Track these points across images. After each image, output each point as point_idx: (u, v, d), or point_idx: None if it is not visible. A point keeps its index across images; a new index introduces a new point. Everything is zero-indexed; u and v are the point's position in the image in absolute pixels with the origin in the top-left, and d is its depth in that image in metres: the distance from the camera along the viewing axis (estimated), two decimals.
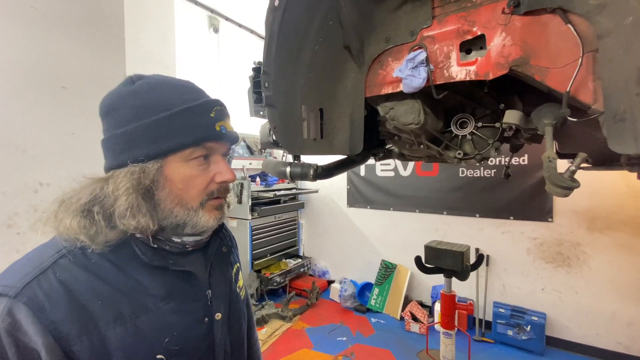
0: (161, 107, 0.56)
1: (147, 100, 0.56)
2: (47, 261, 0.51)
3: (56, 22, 1.44)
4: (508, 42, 0.81)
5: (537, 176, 2.83)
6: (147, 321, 0.55)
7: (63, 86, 1.47)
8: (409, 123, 1.02)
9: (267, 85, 0.89)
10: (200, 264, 0.66)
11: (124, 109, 0.56)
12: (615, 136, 0.70)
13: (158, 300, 0.57)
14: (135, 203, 0.54)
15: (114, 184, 0.54)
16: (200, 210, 0.60)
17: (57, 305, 0.48)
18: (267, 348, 2.76)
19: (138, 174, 0.54)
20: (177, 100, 0.57)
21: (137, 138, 0.55)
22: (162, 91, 0.58)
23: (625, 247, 2.51)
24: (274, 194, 3.70)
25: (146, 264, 0.57)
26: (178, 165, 0.58)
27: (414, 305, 3.19)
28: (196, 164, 0.59)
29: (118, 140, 0.56)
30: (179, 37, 2.93)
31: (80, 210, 0.54)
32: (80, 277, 0.52)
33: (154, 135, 0.55)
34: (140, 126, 0.55)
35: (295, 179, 1.28)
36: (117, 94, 0.58)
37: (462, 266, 1.59)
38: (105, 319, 0.51)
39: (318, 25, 0.94)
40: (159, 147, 0.55)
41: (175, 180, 0.58)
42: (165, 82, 0.60)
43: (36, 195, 1.39)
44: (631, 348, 2.49)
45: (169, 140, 0.55)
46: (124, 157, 0.55)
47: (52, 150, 1.44)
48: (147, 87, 0.57)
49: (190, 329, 0.60)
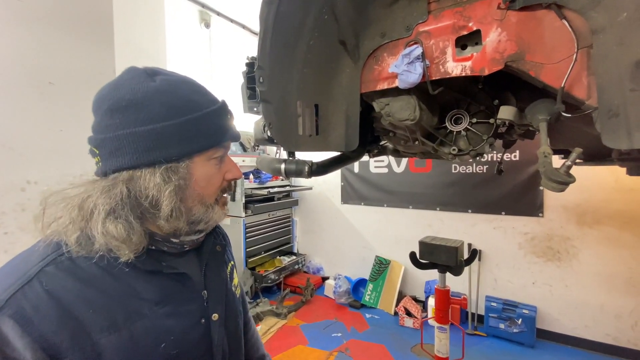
0: (191, 107, 0.56)
1: (177, 100, 0.56)
2: (31, 270, 0.49)
3: (43, 16, 1.40)
4: (503, 38, 0.81)
5: (528, 172, 2.87)
6: (142, 327, 0.53)
7: (50, 82, 1.43)
8: (405, 119, 1.01)
9: (261, 80, 0.88)
10: (194, 264, 0.65)
11: (152, 105, 0.53)
12: (608, 131, 0.70)
13: (152, 305, 0.55)
14: (177, 206, 0.55)
15: (144, 185, 0.53)
16: (215, 206, 0.63)
17: (45, 316, 0.46)
18: None
19: (174, 176, 0.55)
20: (203, 102, 0.59)
21: (169, 137, 0.54)
22: (187, 91, 0.58)
23: (613, 241, 2.57)
24: (268, 191, 3.68)
25: (138, 268, 0.55)
26: (202, 165, 0.59)
27: (407, 301, 3.22)
28: (215, 163, 0.61)
29: (143, 137, 0.53)
30: (170, 33, 2.88)
31: (117, 215, 0.52)
32: (69, 285, 0.49)
33: (185, 135, 0.55)
34: (172, 125, 0.54)
35: (290, 175, 1.27)
36: (140, 88, 0.54)
37: (456, 261, 1.61)
38: (98, 327, 0.49)
39: (313, 20, 0.92)
40: (189, 147, 0.56)
41: (199, 179, 0.59)
42: (184, 81, 0.60)
43: (23, 193, 1.35)
44: (619, 339, 2.56)
45: (198, 141, 0.57)
46: (152, 156, 0.53)
47: (40, 148, 1.40)
48: (173, 86, 0.57)
49: (188, 332, 0.59)
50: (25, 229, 1.36)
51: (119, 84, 0.55)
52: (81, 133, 1.55)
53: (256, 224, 3.65)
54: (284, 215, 4.08)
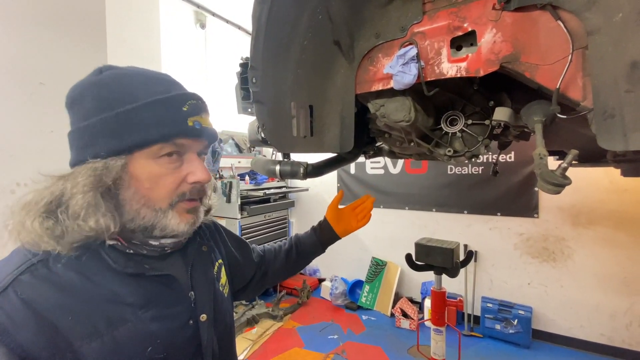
0: (126, 99, 0.52)
1: (111, 92, 0.52)
2: (5, 279, 0.47)
3: (33, 16, 1.38)
4: (499, 39, 0.81)
5: (523, 173, 2.88)
6: (125, 332, 0.52)
7: (41, 82, 1.41)
8: (400, 120, 1.01)
9: (254, 81, 0.87)
10: (179, 265, 0.63)
11: (87, 101, 0.52)
12: (604, 133, 0.70)
13: (137, 309, 0.54)
14: (93, 202, 0.50)
15: (73, 182, 0.51)
16: (169, 211, 0.56)
17: (22, 326, 0.45)
18: (258, 348, 2.74)
19: (100, 170, 0.51)
20: (144, 92, 0.53)
21: (99, 132, 0.51)
22: (130, 82, 0.54)
23: (607, 241, 2.58)
24: (264, 193, 3.66)
25: (119, 272, 0.54)
26: (145, 163, 0.54)
27: (404, 302, 3.21)
28: (166, 161, 0.55)
29: (81, 134, 0.53)
30: (164, 33, 2.85)
31: (42, 211, 0.50)
32: (46, 293, 0.48)
33: (117, 129, 0.51)
34: (102, 119, 0.51)
35: (285, 177, 1.25)
36: (82, 84, 0.54)
37: (452, 263, 1.60)
38: (79, 335, 0.48)
39: (307, 20, 0.91)
40: (122, 142, 0.52)
41: (141, 178, 0.54)
42: (136, 73, 0.56)
43: (13, 196, 1.32)
44: (614, 339, 2.57)
45: (133, 135, 0.51)
46: (84, 153, 0.52)
47: (30, 149, 1.37)
48: (114, 78, 0.54)
49: (175, 335, 0.58)
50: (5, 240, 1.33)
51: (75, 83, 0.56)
52: None
53: (252, 225, 3.62)
54: (280, 217, 4.06)
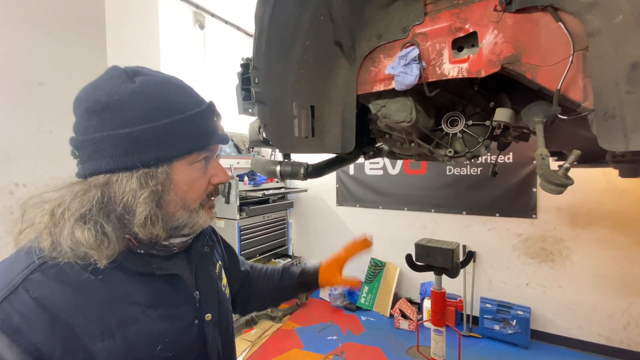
0: (172, 110, 0.54)
1: (157, 101, 0.53)
2: (16, 278, 0.47)
3: (33, 16, 1.37)
4: (500, 40, 0.81)
5: (521, 174, 2.89)
6: (136, 331, 0.52)
7: (40, 82, 1.40)
8: (401, 121, 1.01)
9: (257, 81, 0.87)
10: (185, 266, 0.65)
11: (130, 108, 0.52)
12: (604, 133, 0.70)
13: (145, 308, 0.54)
14: (153, 212, 0.53)
15: (120, 189, 0.51)
16: (200, 210, 0.61)
17: (35, 325, 0.45)
18: (257, 349, 2.73)
19: (152, 180, 0.52)
20: (187, 104, 0.56)
21: (147, 140, 0.52)
22: (169, 92, 0.56)
23: (605, 242, 2.59)
24: (263, 194, 3.65)
25: (130, 271, 0.54)
26: (184, 169, 0.57)
27: (403, 303, 3.21)
28: (199, 166, 0.60)
29: (121, 140, 0.51)
30: (163, 34, 2.85)
31: (89, 220, 0.50)
32: (57, 292, 0.48)
33: (166, 138, 0.53)
34: (150, 128, 0.52)
35: (286, 178, 1.25)
36: (117, 89, 0.52)
37: (452, 263, 1.60)
38: (91, 334, 0.48)
39: (309, 20, 0.92)
40: (169, 151, 0.54)
41: (180, 183, 0.57)
42: (167, 81, 0.58)
43: (12, 196, 1.32)
44: (612, 339, 2.58)
45: (180, 145, 0.55)
46: (130, 160, 0.51)
47: (29, 150, 1.37)
48: (153, 87, 0.54)
49: (182, 334, 0.59)
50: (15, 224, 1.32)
51: (97, 85, 0.54)
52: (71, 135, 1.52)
53: (251, 226, 3.62)
54: (279, 218, 4.06)
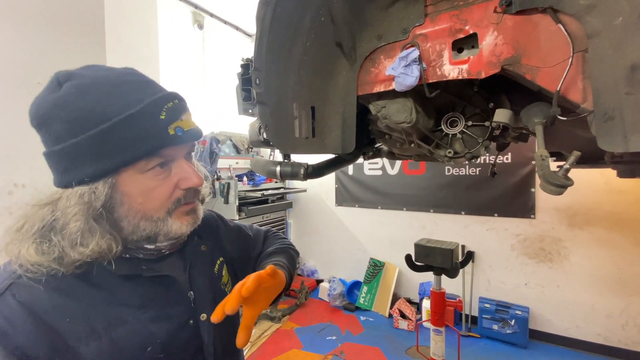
0: (98, 117, 0.47)
1: (80, 111, 0.47)
2: (3, 283, 0.48)
3: (32, 16, 1.37)
4: (500, 41, 0.82)
5: (520, 174, 2.90)
6: (124, 333, 0.52)
7: (39, 82, 1.39)
8: (401, 122, 1.01)
9: (257, 82, 0.87)
10: (178, 266, 0.64)
11: (55, 123, 0.48)
12: (604, 135, 0.71)
13: (135, 310, 0.54)
14: (86, 228, 0.49)
15: (62, 208, 0.50)
16: (169, 219, 0.56)
17: (20, 329, 0.45)
18: (256, 349, 2.73)
19: (88, 196, 0.49)
20: (116, 106, 0.49)
21: (77, 156, 0.48)
22: (96, 95, 0.49)
23: (603, 242, 2.61)
24: (262, 194, 3.65)
25: (114, 274, 0.54)
26: (133, 179, 0.52)
27: (402, 303, 3.22)
28: (154, 174, 0.53)
29: (58, 158, 0.49)
30: (162, 33, 2.84)
31: (36, 237, 0.49)
32: (43, 296, 0.48)
33: (96, 152, 0.48)
34: (76, 143, 0.47)
35: (286, 178, 1.25)
36: (44, 102, 0.49)
37: (451, 264, 1.61)
38: (77, 336, 0.48)
39: (310, 21, 0.92)
40: (105, 164, 0.49)
41: (133, 194, 0.53)
42: (99, 82, 0.50)
43: (11, 197, 1.31)
44: (610, 339, 2.59)
45: (115, 156, 0.49)
46: (67, 178, 0.49)
47: (27, 150, 1.36)
48: (77, 93, 0.48)
49: (175, 335, 0.58)
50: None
51: (35, 98, 0.51)
52: None
53: None
54: (278, 218, 4.05)
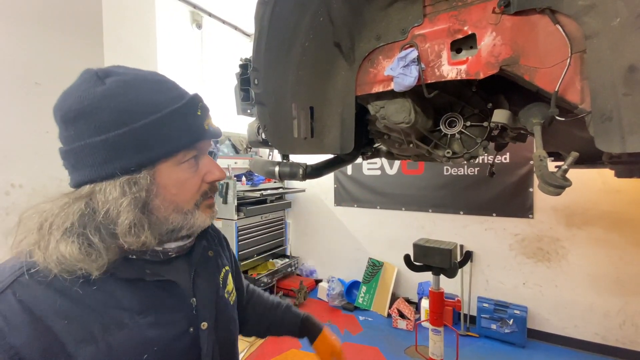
0: (147, 109, 0.51)
1: (128, 103, 0.50)
2: (5, 280, 0.47)
3: (29, 15, 1.36)
4: (498, 42, 0.82)
5: (518, 174, 2.91)
6: (122, 338, 0.51)
7: (36, 82, 1.39)
8: (400, 122, 1.01)
9: (256, 82, 0.87)
10: (183, 271, 0.62)
11: (101, 113, 0.49)
12: (602, 135, 0.71)
13: (134, 314, 0.53)
14: (137, 220, 0.51)
15: (102, 199, 0.50)
16: (196, 211, 0.59)
17: (17, 329, 0.44)
18: (255, 350, 2.73)
19: (132, 187, 0.50)
20: (163, 101, 0.53)
21: (124, 146, 0.50)
22: (142, 90, 0.52)
23: (601, 242, 2.62)
24: (261, 194, 3.65)
25: (118, 276, 0.53)
26: (170, 171, 0.55)
27: (400, 302, 3.22)
28: (187, 166, 0.57)
29: (98, 149, 0.49)
30: (161, 33, 2.84)
31: (73, 233, 0.49)
32: (42, 296, 0.47)
33: (143, 142, 0.50)
34: (126, 132, 0.49)
35: (284, 178, 1.25)
36: (87, 94, 0.50)
37: (450, 263, 1.61)
38: (73, 339, 0.47)
39: (308, 21, 0.92)
40: (149, 155, 0.51)
41: (168, 186, 0.55)
42: (140, 79, 0.54)
43: (8, 197, 1.30)
44: (607, 338, 2.60)
45: (160, 146, 0.52)
46: (109, 168, 0.50)
47: (25, 150, 1.36)
48: (124, 87, 0.51)
49: (173, 342, 0.56)
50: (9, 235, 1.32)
51: (69, 92, 0.51)
52: None
53: (248, 226, 3.61)
54: (276, 218, 4.05)
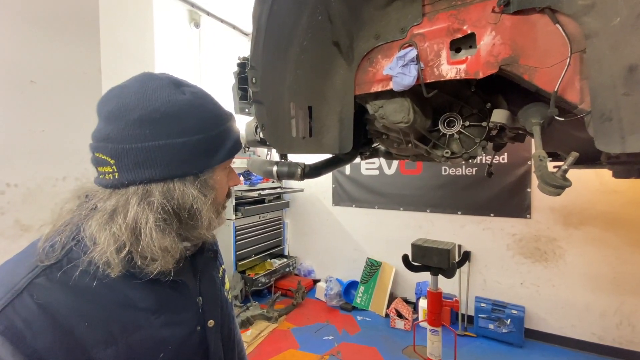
0: (219, 121, 0.60)
1: (207, 114, 0.58)
2: (21, 282, 0.45)
3: (24, 12, 1.34)
4: (498, 41, 0.81)
5: (516, 174, 2.91)
6: (139, 338, 0.51)
7: (32, 80, 1.37)
8: (399, 122, 1.01)
9: (254, 81, 0.86)
10: (188, 271, 0.64)
11: (187, 118, 0.55)
12: (601, 135, 0.71)
13: (149, 315, 0.54)
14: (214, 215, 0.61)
15: (179, 196, 0.54)
16: (222, 211, 0.67)
17: (38, 332, 0.43)
18: (252, 350, 2.72)
19: (204, 185, 0.58)
20: (224, 115, 0.62)
21: (201, 150, 0.56)
22: (212, 104, 0.61)
23: (597, 241, 2.63)
24: (259, 194, 3.63)
25: (135, 277, 0.53)
26: (219, 174, 0.62)
27: (398, 302, 3.22)
28: (226, 171, 0.66)
29: (178, 149, 0.54)
30: (158, 32, 2.82)
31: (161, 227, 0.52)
32: (62, 298, 0.47)
33: (214, 147, 0.59)
34: (204, 138, 0.56)
35: (282, 178, 1.24)
36: (174, 100, 0.54)
37: (448, 264, 1.61)
38: (94, 341, 0.47)
39: (307, 20, 0.91)
40: (214, 159, 0.59)
41: (216, 187, 0.62)
42: (207, 95, 0.62)
43: (3, 197, 1.29)
44: (604, 338, 2.61)
45: (222, 153, 0.60)
46: (186, 168, 0.55)
47: (20, 149, 1.34)
48: (201, 100, 0.59)
49: (185, 341, 0.58)
50: (4, 234, 1.30)
51: (149, 94, 0.52)
52: (64, 134, 1.49)
53: (246, 226, 3.60)
54: (274, 218, 4.04)
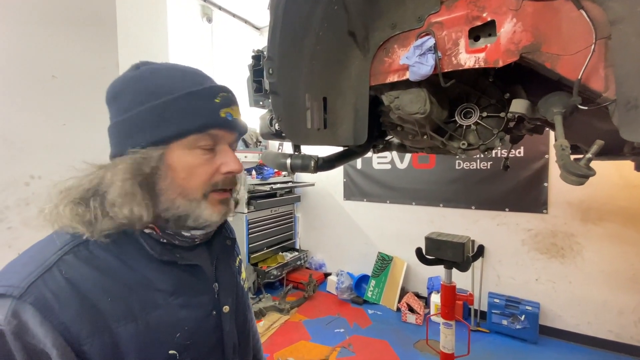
0: (164, 91, 0.54)
1: (150, 86, 0.55)
2: (51, 258, 0.49)
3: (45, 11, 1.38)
4: (519, 28, 0.79)
5: (532, 168, 2.85)
6: (157, 317, 0.53)
7: (53, 75, 1.41)
8: (415, 112, 1.00)
9: (271, 71, 0.86)
10: (206, 257, 0.65)
11: (127, 94, 0.55)
12: (627, 124, 0.69)
13: (167, 295, 0.56)
14: (130, 190, 0.52)
15: (113, 170, 0.53)
16: (203, 202, 0.57)
17: (66, 304, 0.46)
18: (265, 340, 2.76)
19: (139, 160, 0.53)
20: (180, 85, 0.55)
21: (139, 124, 0.54)
22: (166, 76, 0.57)
23: (616, 238, 2.56)
24: (270, 187, 3.67)
25: (154, 258, 0.56)
26: (181, 153, 0.55)
27: (410, 297, 3.21)
28: (200, 152, 0.56)
29: (121, 126, 0.55)
30: (171, 27, 2.85)
31: (79, 198, 0.53)
32: (87, 274, 0.50)
33: (156, 120, 0.53)
34: (142, 111, 0.53)
35: (296, 170, 1.25)
36: (122, 80, 0.57)
37: (463, 257, 1.60)
38: (116, 316, 0.50)
39: (323, 10, 0.91)
40: (160, 133, 0.53)
41: (177, 168, 0.55)
42: (170, 68, 0.59)
43: (27, 188, 1.34)
44: (621, 336, 2.55)
45: (171, 126, 0.53)
46: (124, 144, 0.54)
47: (43, 142, 1.38)
48: (151, 72, 0.57)
49: (200, 323, 0.59)
50: (29, 224, 1.35)
51: (113, 81, 0.59)
52: (84, 127, 1.53)
53: (259, 219, 3.64)
54: (286, 211, 4.07)
